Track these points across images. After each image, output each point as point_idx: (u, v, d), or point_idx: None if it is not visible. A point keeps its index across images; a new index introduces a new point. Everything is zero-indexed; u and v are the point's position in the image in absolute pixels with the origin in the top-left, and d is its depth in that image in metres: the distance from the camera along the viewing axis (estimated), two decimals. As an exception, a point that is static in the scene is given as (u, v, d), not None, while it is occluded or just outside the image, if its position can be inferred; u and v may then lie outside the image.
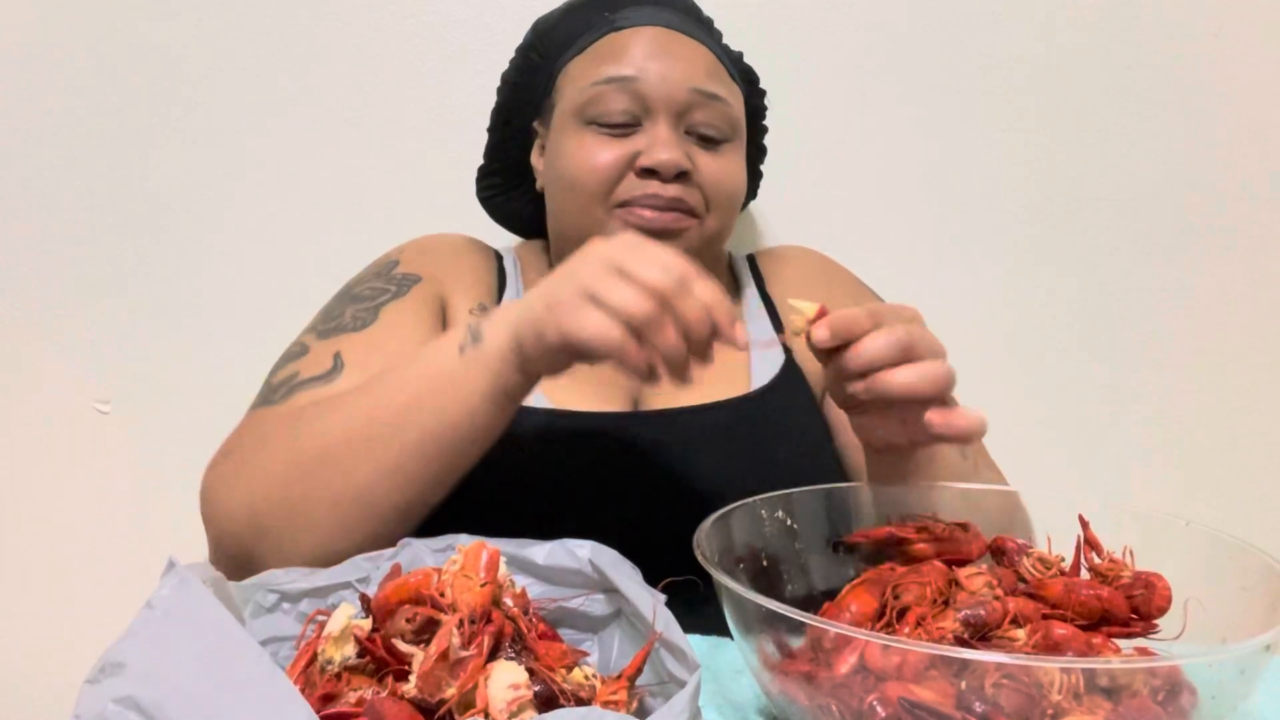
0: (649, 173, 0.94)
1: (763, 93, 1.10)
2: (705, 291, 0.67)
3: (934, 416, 0.71)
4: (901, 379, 0.70)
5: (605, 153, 0.95)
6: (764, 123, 1.13)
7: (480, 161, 1.13)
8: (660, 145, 0.94)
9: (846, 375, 0.71)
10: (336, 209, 1.31)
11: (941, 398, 0.72)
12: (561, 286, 0.69)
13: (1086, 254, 1.34)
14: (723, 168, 0.98)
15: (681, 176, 0.95)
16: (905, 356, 0.70)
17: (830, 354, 0.72)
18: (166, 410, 1.34)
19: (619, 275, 0.67)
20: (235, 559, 0.79)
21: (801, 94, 1.30)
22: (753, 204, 1.29)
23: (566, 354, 0.69)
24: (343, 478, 0.75)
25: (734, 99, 1.01)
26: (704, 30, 1.03)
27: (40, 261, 1.32)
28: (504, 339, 0.72)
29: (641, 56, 0.96)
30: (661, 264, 0.67)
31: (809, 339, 0.72)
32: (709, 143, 0.98)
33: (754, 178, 1.16)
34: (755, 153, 1.13)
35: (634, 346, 0.66)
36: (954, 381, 0.72)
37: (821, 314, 0.72)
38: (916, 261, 1.32)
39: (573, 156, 0.97)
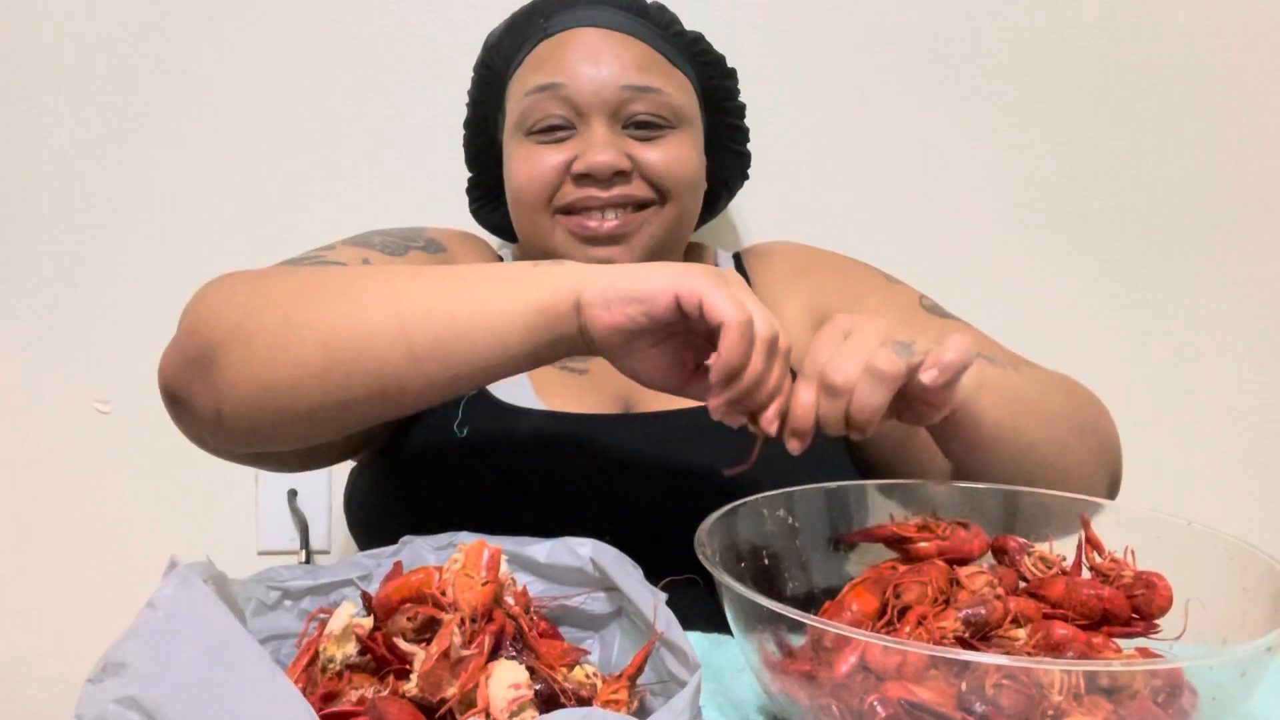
0: (585, 177, 0.95)
1: (731, 72, 1.09)
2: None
3: (925, 376, 0.68)
4: (866, 392, 0.67)
5: (543, 161, 0.96)
6: (739, 101, 1.11)
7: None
8: (594, 148, 0.94)
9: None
10: (337, 210, 1.31)
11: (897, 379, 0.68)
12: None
13: (1083, 253, 1.33)
14: (668, 155, 0.97)
15: (620, 176, 0.95)
16: (837, 395, 0.68)
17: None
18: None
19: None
20: (194, 358, 0.75)
21: (797, 93, 1.30)
22: (743, 203, 1.29)
23: (664, 315, 0.66)
24: (351, 317, 0.70)
25: (674, 87, 1.00)
26: (639, 23, 1.01)
27: (40, 261, 1.32)
28: (590, 274, 0.68)
29: (570, 61, 0.97)
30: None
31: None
32: (650, 131, 0.97)
33: (739, 159, 1.14)
34: (731, 133, 1.11)
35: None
36: (910, 353, 0.68)
37: None
38: (911, 261, 1.32)
39: (515, 168, 0.99)
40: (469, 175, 1.14)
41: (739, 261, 1.12)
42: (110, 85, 1.30)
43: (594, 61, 0.96)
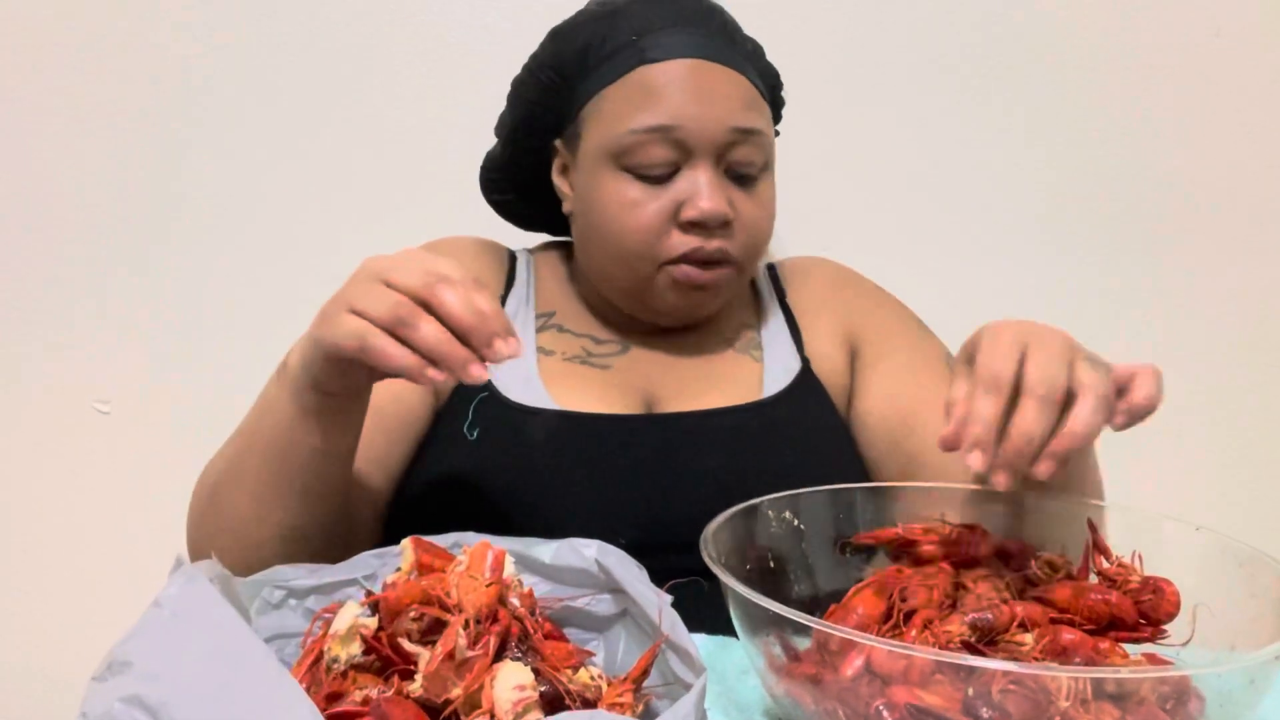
0: (693, 224, 0.92)
1: (781, 83, 1.06)
2: (468, 290, 0.68)
3: (1119, 421, 0.66)
4: (1085, 422, 0.63)
5: (648, 207, 0.92)
6: (780, 111, 1.10)
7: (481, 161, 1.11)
8: (703, 195, 0.91)
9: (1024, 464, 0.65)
10: (337, 209, 1.31)
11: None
12: (330, 303, 0.70)
13: (1091, 255, 1.33)
14: (759, 210, 0.96)
15: (724, 225, 0.93)
16: (1057, 408, 0.63)
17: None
18: (166, 410, 1.34)
19: (379, 284, 0.68)
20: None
21: (807, 96, 1.30)
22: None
23: (336, 363, 0.71)
24: (229, 509, 0.80)
25: (767, 125, 0.98)
26: (735, 50, 0.98)
27: (40, 261, 1.32)
28: (296, 359, 0.75)
29: (678, 99, 0.92)
30: (421, 269, 0.68)
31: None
32: (745, 181, 0.95)
33: None
34: None
35: (388, 344, 0.66)
36: (1108, 370, 0.65)
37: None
38: (922, 263, 1.32)
39: (612, 207, 0.94)
40: (495, 168, 1.09)
41: (774, 273, 1.11)
42: (110, 85, 1.29)
43: (705, 101, 0.92)
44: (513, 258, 1.08)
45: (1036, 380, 0.63)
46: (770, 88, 1.03)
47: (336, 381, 0.73)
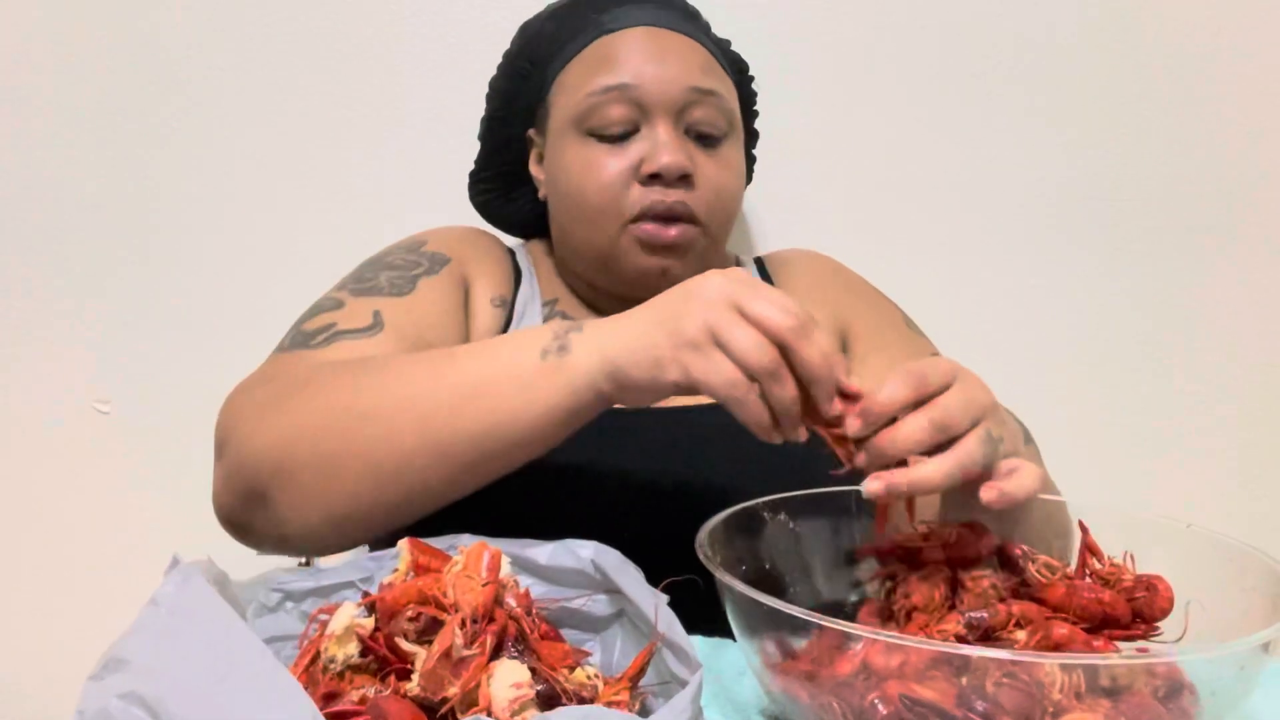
0: (653, 178, 0.94)
1: (751, 79, 1.10)
2: (823, 335, 0.65)
3: (986, 494, 0.65)
4: (940, 473, 0.64)
5: (609, 166, 0.95)
6: (754, 108, 1.13)
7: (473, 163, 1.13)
8: (662, 148, 0.94)
9: (882, 462, 0.66)
10: (336, 208, 1.31)
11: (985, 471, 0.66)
12: (684, 320, 0.66)
13: (1083, 256, 1.34)
14: (723, 170, 0.98)
15: (684, 179, 0.95)
16: (941, 437, 0.65)
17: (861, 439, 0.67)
18: (166, 410, 1.34)
19: (739, 314, 0.65)
20: (246, 495, 0.77)
21: (804, 91, 1.30)
22: (756, 204, 1.29)
23: (670, 392, 0.68)
24: (387, 443, 0.73)
25: (729, 92, 1.00)
26: (693, 24, 1.02)
27: (40, 261, 1.32)
28: (597, 361, 0.70)
29: (635, 60, 0.96)
30: (783, 305, 0.65)
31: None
32: (708, 142, 0.98)
33: (750, 163, 1.15)
34: (749, 139, 1.12)
35: (759, 405, 0.64)
36: (995, 453, 0.66)
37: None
38: (919, 262, 1.32)
39: (576, 171, 0.96)
40: (477, 168, 1.12)
41: (762, 267, 1.12)
42: (109, 84, 1.30)
43: (661, 61, 0.96)
44: (511, 251, 1.09)
45: (939, 409, 0.64)
46: (738, 71, 1.07)
47: (640, 399, 0.70)
